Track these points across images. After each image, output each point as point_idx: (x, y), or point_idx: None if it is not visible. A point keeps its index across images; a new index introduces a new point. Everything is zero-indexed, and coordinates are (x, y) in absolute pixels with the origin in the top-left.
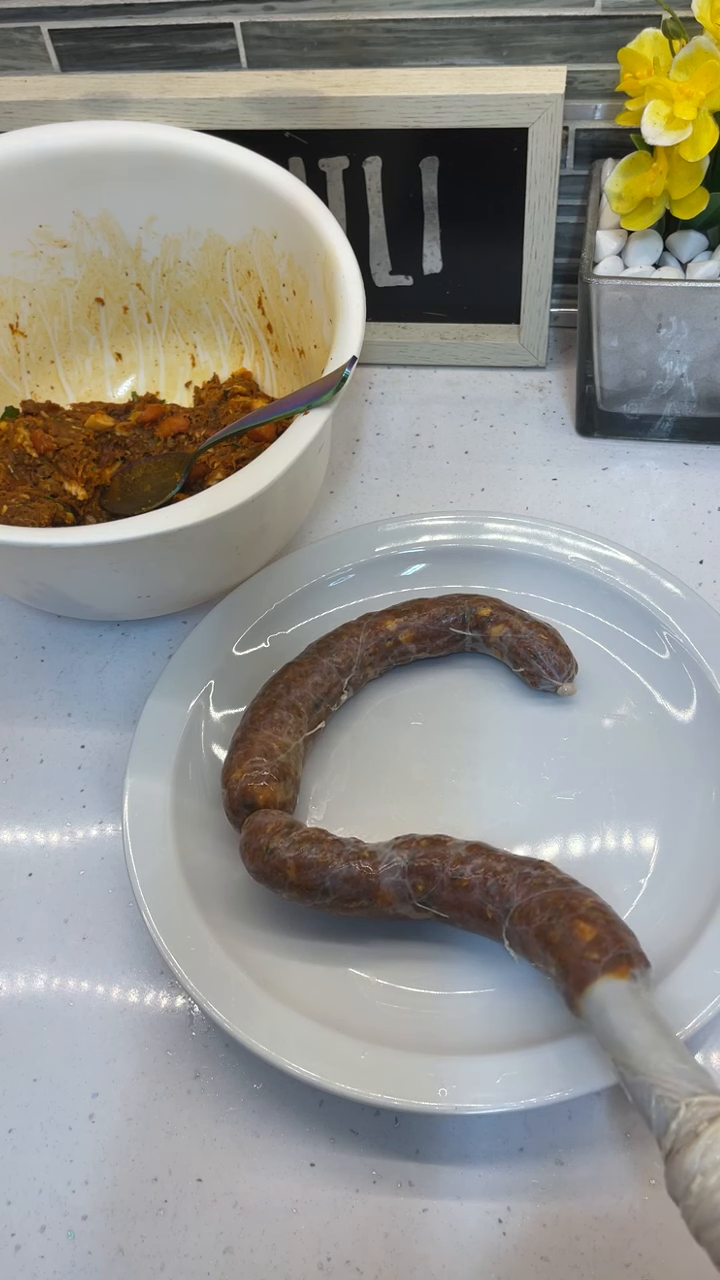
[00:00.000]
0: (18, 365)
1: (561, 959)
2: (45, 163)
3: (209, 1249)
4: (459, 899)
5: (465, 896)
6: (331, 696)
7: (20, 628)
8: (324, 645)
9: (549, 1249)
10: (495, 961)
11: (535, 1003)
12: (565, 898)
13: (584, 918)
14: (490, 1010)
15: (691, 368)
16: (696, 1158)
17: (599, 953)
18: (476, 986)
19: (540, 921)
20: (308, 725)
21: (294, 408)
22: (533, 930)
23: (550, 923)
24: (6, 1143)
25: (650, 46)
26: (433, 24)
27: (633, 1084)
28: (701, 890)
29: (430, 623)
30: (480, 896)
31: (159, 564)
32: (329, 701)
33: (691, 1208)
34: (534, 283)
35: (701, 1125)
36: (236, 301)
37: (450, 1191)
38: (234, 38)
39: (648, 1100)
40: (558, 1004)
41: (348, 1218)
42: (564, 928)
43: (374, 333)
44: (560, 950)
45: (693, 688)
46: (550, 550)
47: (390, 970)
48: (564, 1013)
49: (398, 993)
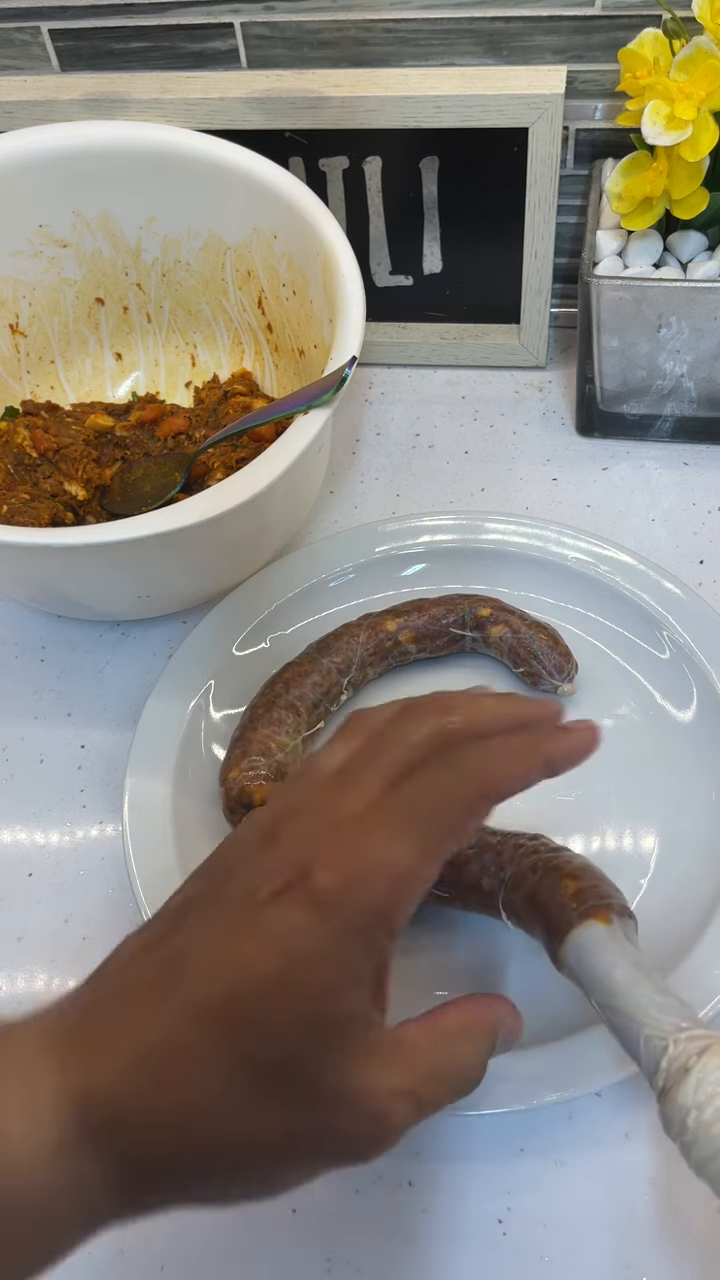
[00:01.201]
0: (18, 365)
1: (546, 915)
2: (45, 163)
3: (209, 1249)
4: (456, 875)
5: (462, 871)
6: (331, 696)
7: (20, 628)
8: (324, 645)
9: (549, 1249)
10: (496, 961)
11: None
12: (554, 861)
13: (569, 875)
14: None
15: (691, 368)
16: (690, 1092)
17: (579, 902)
18: (477, 986)
19: (529, 885)
20: (306, 725)
21: (294, 408)
22: (523, 894)
23: (538, 884)
24: None
25: (650, 46)
26: (433, 24)
27: (619, 1026)
28: (701, 890)
29: (430, 623)
30: (476, 870)
31: (159, 564)
32: (328, 701)
33: (689, 1143)
34: (534, 283)
35: (691, 1060)
36: (236, 301)
37: (450, 1191)
38: (234, 37)
39: (635, 1041)
40: (559, 1004)
41: (348, 1218)
42: (549, 886)
43: (374, 333)
44: (545, 907)
45: (693, 688)
46: (550, 550)
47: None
48: (565, 1013)
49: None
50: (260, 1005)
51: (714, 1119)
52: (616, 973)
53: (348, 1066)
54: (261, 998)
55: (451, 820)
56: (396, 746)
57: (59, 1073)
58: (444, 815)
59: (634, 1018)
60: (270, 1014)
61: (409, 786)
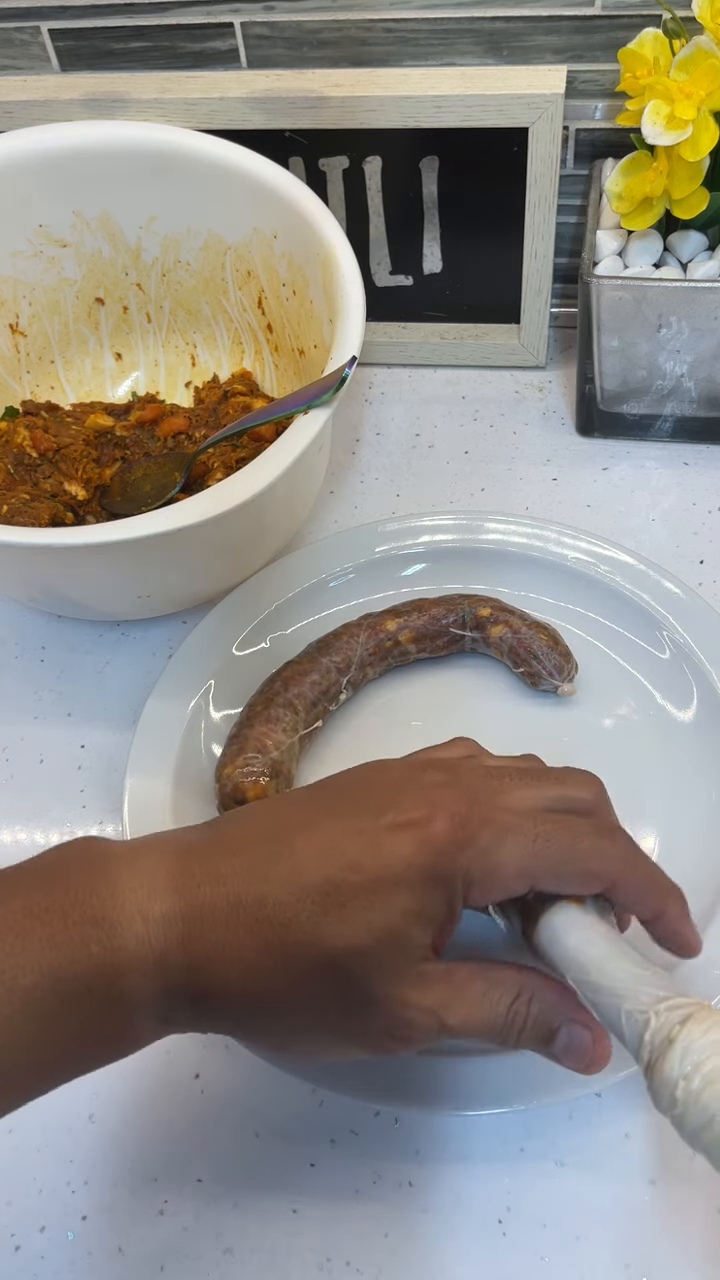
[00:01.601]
0: (18, 365)
1: (521, 899)
2: (45, 163)
3: (209, 1249)
4: None
5: None
6: (330, 696)
7: (20, 628)
8: (324, 645)
9: (549, 1249)
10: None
11: None
12: None
13: None
14: None
15: (692, 367)
16: (675, 1063)
17: None
18: None
19: None
20: (304, 723)
21: (294, 408)
22: None
23: None
24: (6, 1143)
25: (650, 46)
26: (433, 24)
27: (599, 1003)
28: (702, 890)
29: (430, 623)
30: None
31: (159, 564)
32: (327, 700)
33: (680, 1115)
34: (534, 283)
35: (674, 1030)
36: (236, 301)
37: (450, 1192)
38: (234, 37)
39: (617, 1017)
40: None
41: (348, 1218)
42: None
43: (374, 333)
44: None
45: (693, 688)
46: (550, 550)
47: None
48: None
49: None
50: (352, 898)
51: (702, 1087)
52: (591, 950)
53: (398, 978)
54: (355, 894)
55: (563, 872)
56: (559, 785)
57: (175, 894)
58: (558, 863)
59: (613, 993)
60: (356, 910)
61: (548, 821)
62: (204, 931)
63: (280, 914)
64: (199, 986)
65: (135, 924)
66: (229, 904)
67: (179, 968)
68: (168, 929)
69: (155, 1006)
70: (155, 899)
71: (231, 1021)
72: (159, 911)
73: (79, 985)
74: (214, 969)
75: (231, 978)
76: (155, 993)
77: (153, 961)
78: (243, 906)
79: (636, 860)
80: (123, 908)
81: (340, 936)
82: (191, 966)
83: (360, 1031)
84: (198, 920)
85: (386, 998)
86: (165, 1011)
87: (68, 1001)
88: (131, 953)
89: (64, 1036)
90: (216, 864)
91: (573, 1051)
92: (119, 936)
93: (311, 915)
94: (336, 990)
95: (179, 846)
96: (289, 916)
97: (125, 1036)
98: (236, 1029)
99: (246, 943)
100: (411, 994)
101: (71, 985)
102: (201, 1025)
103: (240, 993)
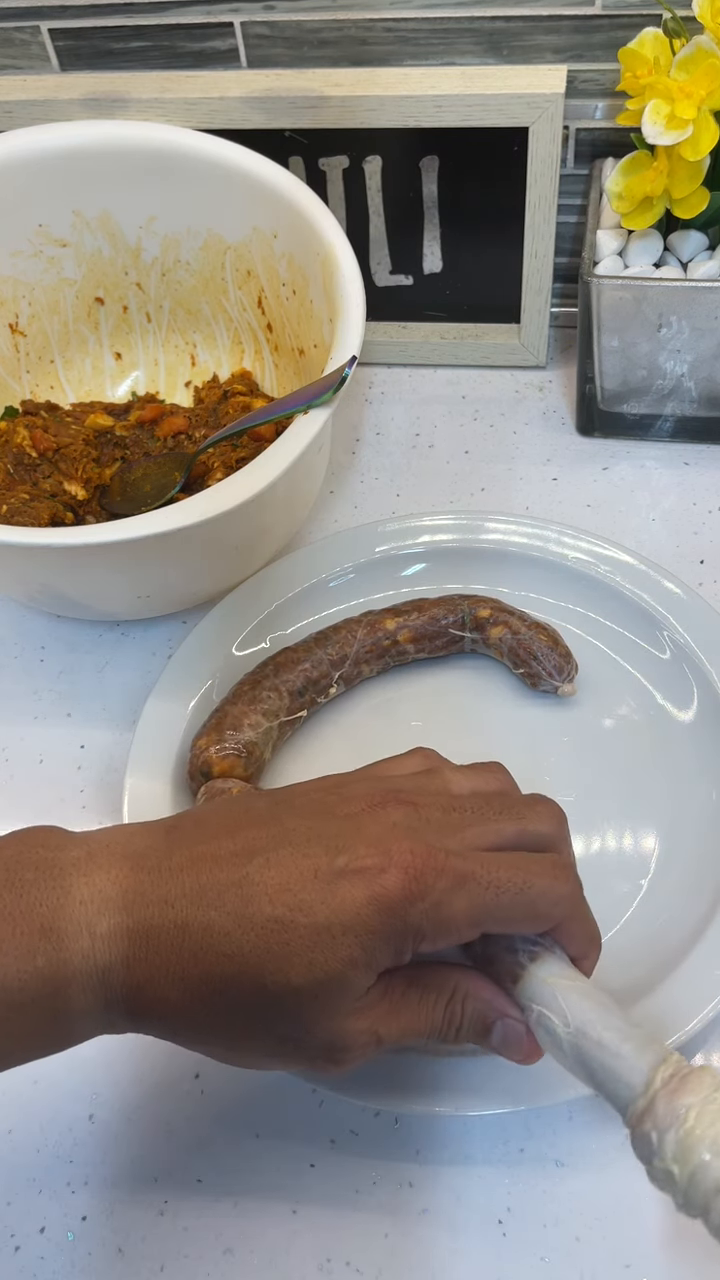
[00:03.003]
0: (17, 365)
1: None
2: (45, 163)
3: (209, 1249)
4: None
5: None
6: (319, 687)
7: (20, 628)
8: (322, 636)
9: (549, 1249)
10: None
11: None
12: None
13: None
14: None
15: (692, 367)
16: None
17: None
18: None
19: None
20: (287, 710)
21: (294, 407)
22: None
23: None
24: (6, 1143)
25: (651, 46)
26: (433, 23)
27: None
28: (702, 891)
29: (429, 623)
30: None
31: (159, 564)
32: (315, 691)
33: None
34: (534, 282)
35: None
36: (236, 301)
37: (450, 1192)
38: (234, 37)
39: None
40: None
41: (348, 1218)
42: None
43: (374, 332)
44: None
45: (693, 688)
46: (550, 550)
47: None
48: None
49: None
50: (295, 939)
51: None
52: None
53: (336, 1015)
54: (301, 936)
55: (512, 916)
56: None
57: (124, 912)
58: (510, 910)
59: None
60: (300, 951)
61: (503, 866)
62: (148, 953)
63: (225, 944)
64: (139, 1003)
65: (82, 939)
66: (176, 927)
67: (121, 984)
68: (113, 946)
69: (96, 1015)
70: (104, 915)
71: (170, 1035)
72: (106, 928)
73: (23, 995)
74: (154, 989)
75: (171, 999)
76: (97, 1004)
77: (97, 978)
78: (189, 932)
79: (580, 903)
80: (71, 919)
81: (281, 974)
82: (133, 984)
83: (297, 1055)
84: (143, 940)
85: (324, 1030)
86: (105, 1020)
87: (12, 1009)
88: (76, 967)
89: (3, 1038)
90: (168, 884)
91: (509, 1044)
92: (65, 950)
93: (255, 949)
94: (272, 1020)
95: (133, 859)
96: (233, 948)
97: (64, 1039)
98: (175, 1040)
99: (190, 968)
100: (348, 1024)
101: (16, 995)
102: (141, 1031)
103: (179, 1012)
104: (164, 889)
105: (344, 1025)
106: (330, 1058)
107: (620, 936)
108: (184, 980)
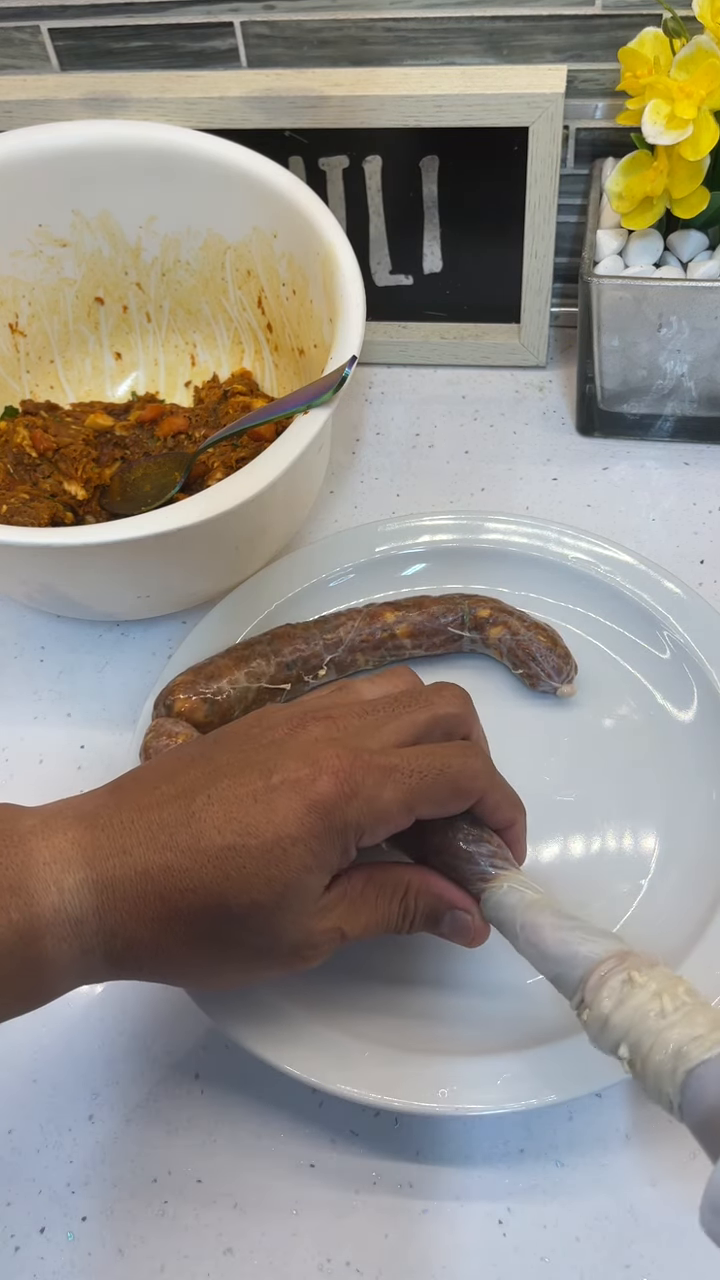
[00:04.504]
0: (17, 365)
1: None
2: (45, 162)
3: (209, 1249)
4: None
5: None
6: (309, 665)
7: (20, 628)
8: (323, 620)
9: (549, 1249)
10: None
11: (536, 1004)
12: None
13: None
14: (490, 1011)
15: (692, 367)
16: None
17: None
18: (477, 986)
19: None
20: (270, 679)
21: (294, 407)
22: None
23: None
24: (6, 1143)
25: (651, 45)
26: (433, 23)
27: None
28: (702, 891)
29: (428, 620)
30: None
31: (159, 564)
32: (304, 668)
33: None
34: (534, 282)
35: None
36: (236, 301)
37: (450, 1192)
38: (234, 37)
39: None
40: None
41: (348, 1218)
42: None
43: (374, 332)
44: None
45: (693, 688)
46: (550, 550)
47: (390, 969)
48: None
49: (397, 992)
50: (250, 861)
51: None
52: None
53: (301, 917)
54: (253, 856)
55: (438, 797)
56: (429, 709)
57: (87, 867)
58: (434, 791)
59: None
60: (256, 870)
61: (422, 755)
62: (116, 900)
63: (185, 880)
64: (114, 947)
65: (50, 894)
66: (137, 874)
67: (94, 932)
68: (82, 899)
69: (73, 965)
70: (68, 871)
71: (147, 973)
72: (72, 882)
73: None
74: (127, 932)
75: (144, 939)
76: (73, 954)
77: (70, 928)
78: (150, 876)
79: (494, 775)
80: (38, 878)
81: (244, 895)
82: (106, 930)
83: (270, 962)
84: (109, 889)
85: (292, 934)
86: (82, 969)
87: None
88: (49, 920)
89: None
90: (123, 836)
91: (457, 930)
92: (36, 905)
93: (214, 879)
94: (244, 938)
95: (85, 818)
96: (194, 883)
97: (42, 992)
98: (153, 978)
99: (156, 907)
100: (314, 923)
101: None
102: (119, 977)
103: (153, 950)
104: (119, 841)
105: (310, 926)
106: (301, 956)
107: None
108: (154, 921)
